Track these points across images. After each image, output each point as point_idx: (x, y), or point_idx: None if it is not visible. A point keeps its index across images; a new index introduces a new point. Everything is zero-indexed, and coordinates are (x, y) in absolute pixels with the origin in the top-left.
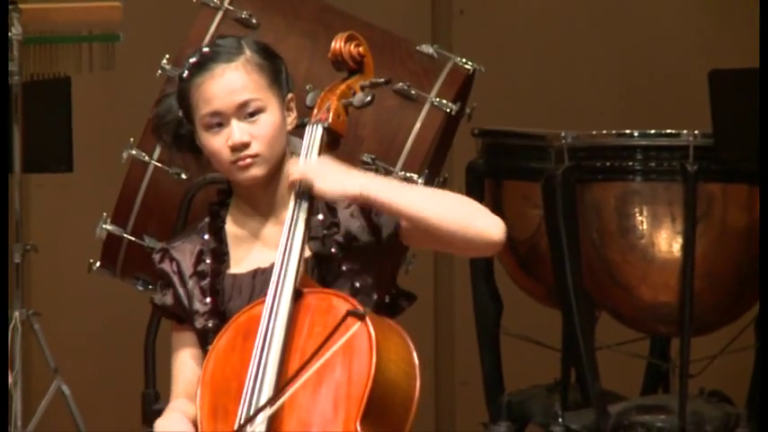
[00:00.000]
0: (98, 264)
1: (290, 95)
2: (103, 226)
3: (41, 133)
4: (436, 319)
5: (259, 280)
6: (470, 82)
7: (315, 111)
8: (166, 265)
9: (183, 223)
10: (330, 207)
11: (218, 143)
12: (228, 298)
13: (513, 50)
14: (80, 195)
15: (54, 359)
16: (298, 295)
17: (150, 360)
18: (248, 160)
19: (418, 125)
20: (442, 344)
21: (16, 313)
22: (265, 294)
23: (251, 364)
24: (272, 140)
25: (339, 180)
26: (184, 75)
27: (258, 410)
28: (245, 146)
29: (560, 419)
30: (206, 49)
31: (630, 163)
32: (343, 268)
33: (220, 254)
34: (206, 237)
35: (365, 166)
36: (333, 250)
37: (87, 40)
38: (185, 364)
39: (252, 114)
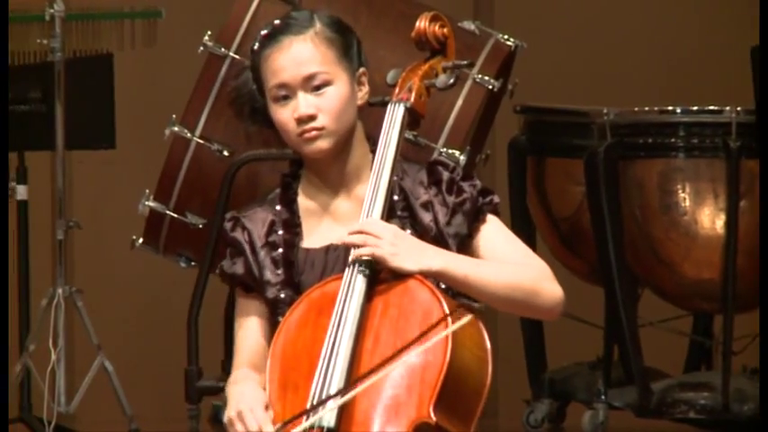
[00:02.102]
0: (141, 240)
1: (361, 70)
2: (146, 203)
3: (84, 110)
4: None
5: (332, 256)
6: (512, 58)
7: (396, 90)
8: (238, 234)
9: (225, 200)
10: (404, 190)
11: (284, 115)
12: (301, 271)
13: (555, 26)
14: (122, 172)
15: (97, 336)
16: (374, 276)
17: (193, 336)
18: (314, 133)
19: (460, 102)
20: (485, 321)
21: (59, 290)
22: (339, 271)
23: (325, 343)
24: (338, 114)
25: (414, 259)
26: (255, 47)
27: (331, 397)
28: (311, 118)
29: (603, 397)
30: (277, 22)
31: (673, 140)
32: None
33: (292, 225)
34: (278, 207)
35: (407, 142)
36: (408, 232)
37: (129, 17)
38: (250, 333)
39: (318, 87)
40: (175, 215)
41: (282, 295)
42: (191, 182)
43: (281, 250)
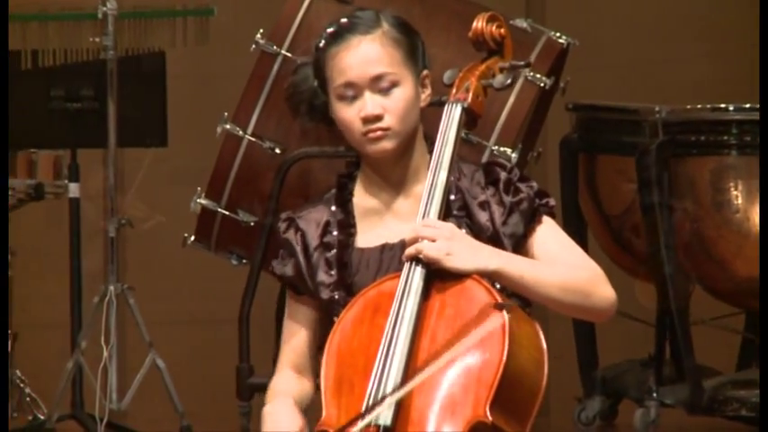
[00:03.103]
0: (192, 238)
1: (425, 72)
2: (198, 200)
3: (136, 108)
4: None
5: (387, 255)
6: (564, 56)
7: (453, 90)
8: (291, 235)
9: (277, 197)
10: (461, 190)
11: (350, 114)
12: (355, 271)
13: (607, 24)
14: (174, 170)
15: (148, 333)
16: (430, 275)
17: (244, 334)
18: (379, 133)
19: (512, 99)
20: (536, 318)
21: (111, 287)
22: (394, 270)
23: (382, 341)
24: (404, 115)
25: (470, 259)
26: (321, 45)
27: (389, 395)
28: (378, 118)
29: (654, 394)
30: (344, 20)
31: (726, 137)
32: None
33: (347, 226)
34: (333, 208)
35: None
36: (464, 231)
37: (181, 15)
38: (297, 335)
39: (386, 88)
40: (227, 213)
41: (336, 296)
42: (242, 179)
43: (334, 251)
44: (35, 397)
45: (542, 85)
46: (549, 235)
